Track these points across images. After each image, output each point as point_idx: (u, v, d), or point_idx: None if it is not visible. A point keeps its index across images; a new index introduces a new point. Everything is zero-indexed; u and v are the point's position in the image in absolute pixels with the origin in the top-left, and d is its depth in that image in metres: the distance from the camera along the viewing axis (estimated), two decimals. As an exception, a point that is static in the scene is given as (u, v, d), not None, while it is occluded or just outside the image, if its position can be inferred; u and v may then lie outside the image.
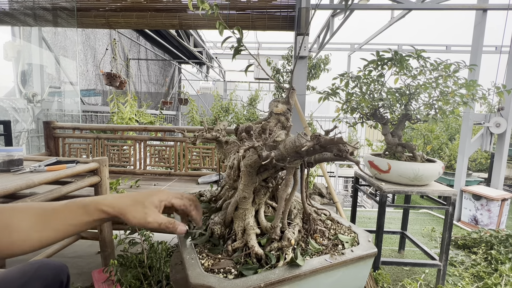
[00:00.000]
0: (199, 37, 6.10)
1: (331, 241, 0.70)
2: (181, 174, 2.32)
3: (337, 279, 0.62)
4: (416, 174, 1.59)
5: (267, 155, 0.56)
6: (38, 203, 0.59)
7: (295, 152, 0.55)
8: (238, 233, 0.67)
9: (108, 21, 2.87)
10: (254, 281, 0.53)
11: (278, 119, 0.77)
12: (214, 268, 0.58)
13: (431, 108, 1.65)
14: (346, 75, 1.84)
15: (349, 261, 0.62)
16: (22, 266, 0.74)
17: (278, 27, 2.72)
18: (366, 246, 0.67)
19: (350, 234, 0.74)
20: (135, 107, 4.06)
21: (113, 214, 0.57)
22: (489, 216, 2.81)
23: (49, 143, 2.32)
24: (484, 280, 1.75)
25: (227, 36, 0.79)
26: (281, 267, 0.57)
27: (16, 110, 3.06)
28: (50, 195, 1.15)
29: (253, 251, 0.60)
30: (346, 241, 0.70)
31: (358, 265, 0.64)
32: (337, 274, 0.61)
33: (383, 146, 5.44)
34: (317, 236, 0.71)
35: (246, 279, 0.53)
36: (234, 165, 0.73)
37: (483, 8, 2.76)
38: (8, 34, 3.19)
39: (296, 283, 0.56)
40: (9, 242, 0.51)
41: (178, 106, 7.98)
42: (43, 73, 3.40)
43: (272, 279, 0.53)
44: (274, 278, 0.53)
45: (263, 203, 0.73)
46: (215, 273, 0.56)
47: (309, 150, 0.52)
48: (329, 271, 0.60)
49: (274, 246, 0.62)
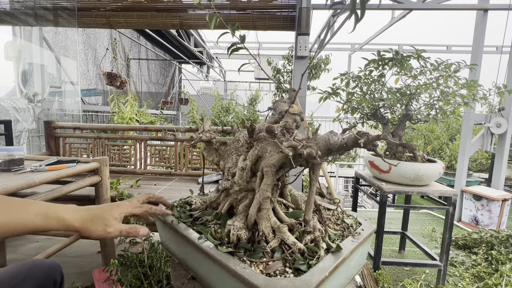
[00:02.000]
0: (199, 37, 6.10)
1: (340, 225, 0.77)
2: (182, 174, 2.32)
3: (357, 255, 0.70)
4: (416, 174, 1.58)
5: (310, 152, 0.59)
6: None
7: (327, 148, 0.62)
8: (268, 234, 0.67)
9: (109, 21, 2.87)
10: (319, 272, 0.56)
11: (294, 119, 0.78)
12: (270, 272, 0.57)
13: (432, 108, 1.65)
14: (346, 75, 1.84)
15: (364, 239, 0.71)
16: (16, 266, 0.75)
17: (279, 27, 2.72)
18: (368, 225, 0.78)
19: (349, 217, 0.82)
20: (135, 107, 4.06)
21: (77, 229, 0.62)
22: (490, 216, 2.81)
23: (50, 143, 2.32)
24: (484, 281, 1.75)
25: (223, 32, 0.79)
26: (325, 256, 0.61)
27: (17, 110, 3.07)
28: (51, 194, 1.15)
29: (296, 246, 0.62)
30: (351, 224, 0.78)
31: (368, 241, 0.75)
32: (359, 251, 0.70)
33: (384, 146, 5.44)
34: (329, 223, 0.76)
35: (312, 273, 0.55)
36: (247, 166, 0.72)
37: (483, 8, 2.76)
38: (9, 33, 3.20)
39: (343, 265, 0.62)
40: None
41: (179, 106, 7.99)
42: (43, 73, 3.41)
43: (331, 267, 0.57)
44: (331, 265, 0.58)
45: (276, 201, 0.75)
46: (276, 276, 0.56)
47: (340, 147, 0.59)
48: (356, 250, 0.68)
49: (308, 239, 0.65)
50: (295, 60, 2.68)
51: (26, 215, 0.59)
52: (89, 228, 0.62)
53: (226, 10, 2.74)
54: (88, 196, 1.63)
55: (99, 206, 0.67)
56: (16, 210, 0.59)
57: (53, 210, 0.61)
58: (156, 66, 7.12)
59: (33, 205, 0.61)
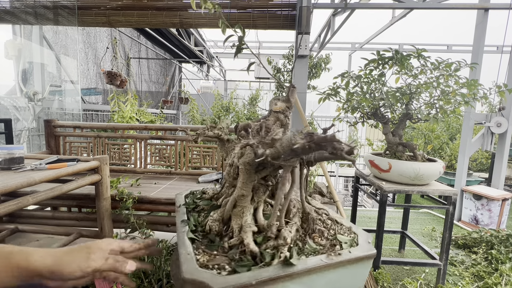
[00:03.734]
0: (199, 36, 6.10)
1: (330, 241, 0.69)
2: (182, 173, 2.32)
3: (332, 279, 0.61)
4: (416, 173, 1.58)
5: (262, 153, 0.56)
6: None
7: (291, 150, 0.54)
8: (235, 231, 0.67)
9: (109, 20, 2.87)
10: (246, 278, 0.53)
11: (277, 117, 0.77)
12: (209, 264, 0.58)
13: (432, 107, 1.65)
14: (347, 75, 1.84)
15: (346, 261, 0.61)
16: None
17: (279, 26, 2.72)
18: (365, 248, 0.67)
19: (350, 235, 0.73)
20: (135, 106, 4.05)
21: (45, 272, 0.52)
22: (490, 216, 2.81)
23: (50, 142, 2.32)
24: (484, 280, 1.75)
25: (229, 35, 0.79)
26: (275, 265, 0.57)
27: (17, 109, 3.07)
28: (51, 193, 1.15)
29: (248, 248, 0.60)
30: (345, 241, 0.69)
31: (356, 266, 0.63)
32: (332, 274, 0.61)
33: (384, 146, 5.43)
34: (315, 235, 0.70)
35: (239, 276, 0.53)
36: (234, 163, 0.73)
37: (484, 8, 2.75)
38: (9, 32, 3.19)
39: (289, 281, 0.56)
40: None
41: (179, 105, 7.98)
42: (44, 72, 3.40)
43: (265, 277, 0.53)
44: (266, 276, 0.53)
45: (262, 202, 0.73)
46: (209, 268, 0.56)
47: (304, 148, 0.51)
48: (324, 271, 0.59)
49: (270, 245, 0.62)
50: (296, 59, 2.68)
51: None
52: (63, 264, 0.52)
53: (226, 9, 2.73)
54: (88, 195, 1.63)
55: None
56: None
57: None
58: (156, 65, 7.11)
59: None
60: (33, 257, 0.52)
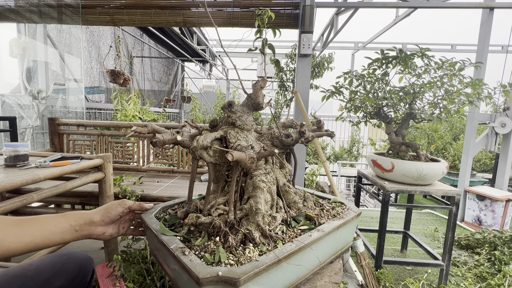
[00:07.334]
0: (202, 35, 6.10)
1: (329, 212, 0.88)
2: (184, 172, 2.33)
3: (344, 232, 0.82)
4: (419, 173, 1.58)
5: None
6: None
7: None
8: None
9: (113, 18, 2.88)
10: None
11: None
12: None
13: (436, 107, 1.64)
14: (350, 74, 1.83)
15: (350, 219, 0.83)
16: (52, 256, 0.76)
17: (282, 25, 2.71)
18: (355, 209, 0.89)
19: (342, 206, 0.94)
20: (138, 104, 4.07)
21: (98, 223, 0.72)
22: (493, 216, 2.79)
23: (54, 140, 2.34)
24: (487, 281, 1.74)
25: (252, 48, 0.84)
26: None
27: (21, 107, 3.09)
28: (55, 190, 1.16)
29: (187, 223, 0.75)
30: (341, 211, 0.88)
31: (353, 222, 0.86)
32: (344, 229, 0.82)
33: (386, 145, 5.41)
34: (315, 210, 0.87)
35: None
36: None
37: (489, 7, 2.73)
38: (14, 31, 3.22)
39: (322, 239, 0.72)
40: None
41: (181, 104, 7.99)
42: (48, 70, 3.42)
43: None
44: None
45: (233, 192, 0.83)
46: None
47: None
48: (340, 229, 0.78)
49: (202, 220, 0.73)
50: (298, 58, 2.67)
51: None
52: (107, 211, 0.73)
53: (229, 8, 2.73)
54: (92, 193, 1.64)
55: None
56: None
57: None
58: (159, 64, 7.13)
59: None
60: (95, 218, 0.71)
